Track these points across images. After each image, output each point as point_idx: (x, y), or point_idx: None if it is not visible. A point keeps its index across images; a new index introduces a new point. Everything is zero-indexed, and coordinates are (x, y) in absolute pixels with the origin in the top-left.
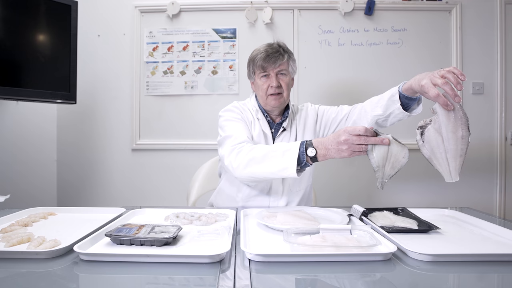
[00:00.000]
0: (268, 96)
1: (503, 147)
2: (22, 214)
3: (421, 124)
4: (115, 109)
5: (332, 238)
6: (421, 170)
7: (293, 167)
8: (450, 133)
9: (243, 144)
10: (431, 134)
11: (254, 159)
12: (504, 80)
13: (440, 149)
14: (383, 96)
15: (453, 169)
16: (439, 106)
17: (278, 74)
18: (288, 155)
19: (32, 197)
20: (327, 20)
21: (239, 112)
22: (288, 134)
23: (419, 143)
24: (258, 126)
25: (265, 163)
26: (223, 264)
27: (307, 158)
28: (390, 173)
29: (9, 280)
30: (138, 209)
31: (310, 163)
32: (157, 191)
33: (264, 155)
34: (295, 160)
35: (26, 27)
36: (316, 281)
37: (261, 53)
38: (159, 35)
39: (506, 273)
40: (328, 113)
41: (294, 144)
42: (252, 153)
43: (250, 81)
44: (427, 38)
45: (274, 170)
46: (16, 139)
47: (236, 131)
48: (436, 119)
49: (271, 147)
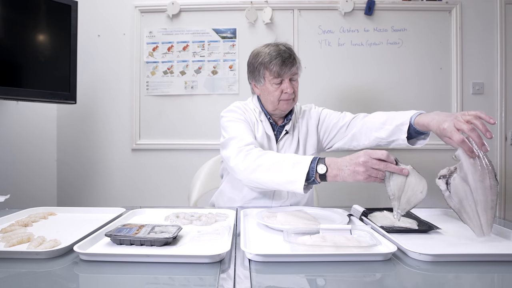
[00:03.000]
0: (281, 101)
1: (503, 147)
2: (22, 214)
3: (444, 173)
4: (115, 109)
5: (332, 238)
6: (421, 170)
7: (301, 182)
8: (478, 183)
9: (252, 147)
10: (458, 184)
11: (262, 165)
12: (504, 80)
13: (469, 200)
14: (391, 119)
15: (485, 223)
16: (463, 153)
17: (291, 79)
18: (298, 168)
19: (32, 197)
20: (327, 20)
21: (242, 113)
22: (290, 137)
23: (445, 194)
24: (261, 128)
25: (273, 172)
26: (223, 264)
27: (316, 175)
28: (405, 207)
29: (9, 280)
30: (138, 209)
31: (318, 181)
32: (157, 191)
33: (273, 163)
34: (304, 175)
35: (26, 27)
36: (316, 281)
37: (275, 58)
38: (159, 35)
39: (506, 273)
40: (330, 118)
41: (306, 158)
42: (261, 159)
43: (254, 84)
44: (427, 38)
45: (280, 181)
46: (16, 139)
47: (241, 132)
48: (461, 166)
49: (282, 157)
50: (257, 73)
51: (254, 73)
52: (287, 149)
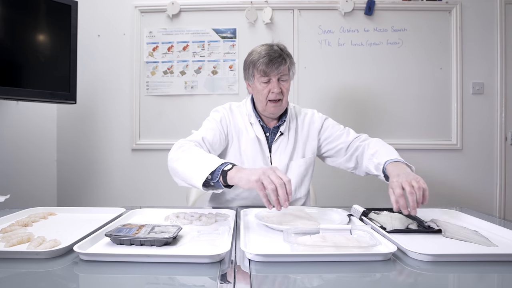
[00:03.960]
0: (268, 102)
1: (503, 147)
2: (22, 214)
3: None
4: (115, 109)
5: (332, 238)
6: (421, 170)
7: (203, 176)
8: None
9: (190, 143)
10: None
11: (183, 158)
12: (504, 80)
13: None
14: (374, 158)
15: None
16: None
17: (280, 79)
18: (207, 164)
19: (32, 197)
20: (327, 20)
21: (224, 116)
22: (286, 139)
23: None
24: (252, 131)
25: (188, 164)
26: (223, 264)
27: (220, 178)
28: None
29: (9, 280)
30: (138, 209)
31: (222, 183)
32: (157, 191)
33: (192, 158)
34: (208, 172)
35: (26, 27)
36: (316, 281)
37: (263, 56)
38: (159, 35)
39: (506, 273)
40: (333, 129)
41: (220, 160)
42: (186, 152)
43: (247, 83)
44: (427, 38)
45: (188, 174)
46: (16, 139)
47: (200, 131)
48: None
49: (203, 154)
50: (248, 71)
51: (246, 71)
52: (282, 151)
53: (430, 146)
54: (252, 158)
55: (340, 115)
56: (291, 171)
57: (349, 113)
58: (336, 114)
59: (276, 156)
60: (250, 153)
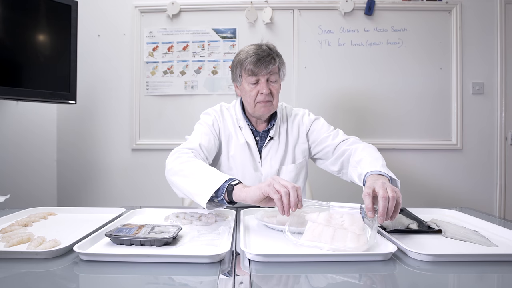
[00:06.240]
0: (257, 103)
1: (503, 147)
2: (22, 214)
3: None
4: (115, 109)
5: (339, 218)
6: (421, 170)
7: (206, 196)
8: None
9: (187, 151)
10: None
11: (183, 171)
12: (504, 80)
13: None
14: (358, 167)
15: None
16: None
17: (269, 80)
18: (211, 181)
19: (32, 197)
20: (327, 20)
21: (216, 119)
22: (276, 143)
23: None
24: (241, 135)
25: (189, 180)
26: (223, 264)
27: (225, 194)
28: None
29: (9, 280)
30: (138, 209)
31: (226, 200)
32: (157, 191)
33: (192, 172)
34: (212, 191)
35: (26, 27)
36: (316, 281)
37: (251, 56)
38: (159, 35)
39: (506, 273)
40: (321, 131)
41: (223, 176)
42: (185, 165)
43: (235, 84)
44: (427, 38)
45: (192, 190)
46: (16, 139)
47: (195, 137)
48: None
49: (205, 168)
50: (235, 72)
51: (233, 72)
52: (272, 156)
53: (430, 146)
54: (242, 164)
55: (340, 115)
56: (282, 177)
57: (349, 113)
58: (336, 114)
59: (267, 161)
60: (239, 158)
